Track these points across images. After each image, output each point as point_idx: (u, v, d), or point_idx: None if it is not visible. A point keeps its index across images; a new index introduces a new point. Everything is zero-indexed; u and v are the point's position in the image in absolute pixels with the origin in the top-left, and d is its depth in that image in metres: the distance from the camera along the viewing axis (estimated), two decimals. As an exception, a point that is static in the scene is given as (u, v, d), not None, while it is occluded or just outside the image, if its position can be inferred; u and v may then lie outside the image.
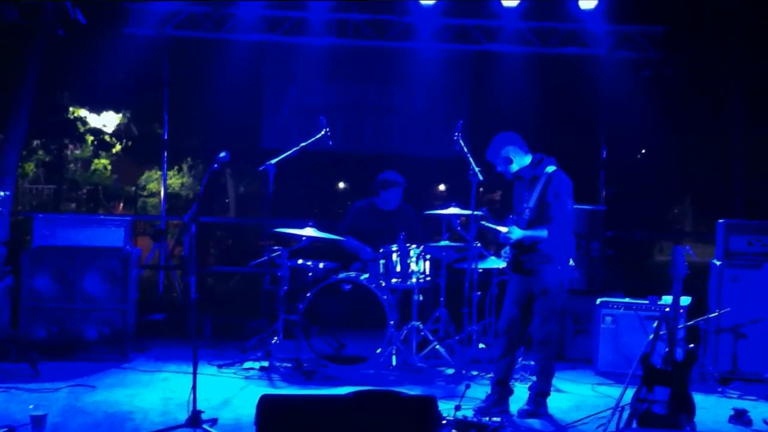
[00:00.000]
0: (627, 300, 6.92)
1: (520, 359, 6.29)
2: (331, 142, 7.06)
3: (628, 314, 6.79)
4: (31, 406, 5.07)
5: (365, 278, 6.67)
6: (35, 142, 15.09)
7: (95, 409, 5.43)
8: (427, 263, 6.83)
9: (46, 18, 8.86)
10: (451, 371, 6.57)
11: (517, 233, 5.51)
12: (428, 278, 6.83)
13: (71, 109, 14.88)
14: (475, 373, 6.43)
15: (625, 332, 6.77)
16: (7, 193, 7.37)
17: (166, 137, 9.64)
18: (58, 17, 8.58)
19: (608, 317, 6.85)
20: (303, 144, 6.90)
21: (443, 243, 6.87)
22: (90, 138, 15.79)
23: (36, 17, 8.96)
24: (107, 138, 15.92)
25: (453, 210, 6.65)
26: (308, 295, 6.53)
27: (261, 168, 6.71)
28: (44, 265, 6.83)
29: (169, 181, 13.77)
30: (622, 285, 7.84)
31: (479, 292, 6.57)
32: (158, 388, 6.01)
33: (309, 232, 6.68)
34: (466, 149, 6.39)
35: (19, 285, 6.84)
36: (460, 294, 6.50)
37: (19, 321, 6.79)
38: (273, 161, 6.70)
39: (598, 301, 6.95)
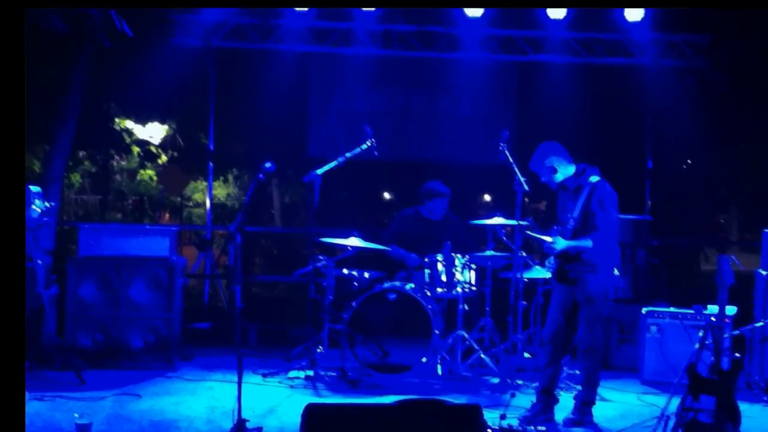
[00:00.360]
0: (673, 309, 6.81)
1: (565, 368, 6.20)
2: (376, 153, 7.04)
3: (674, 323, 6.70)
4: (76, 415, 5.10)
5: (410, 287, 6.63)
6: (81, 153, 15.32)
7: (140, 417, 5.44)
8: (473, 272, 6.80)
9: (92, 29, 9.00)
10: (496, 380, 6.49)
11: (561, 243, 5.47)
12: (473, 287, 6.81)
13: (117, 120, 15.09)
14: (520, 382, 6.34)
15: (670, 341, 6.68)
16: (53, 203, 7.46)
17: (211, 147, 9.71)
18: (105, 29, 8.70)
19: (654, 326, 6.77)
20: (348, 155, 6.88)
21: (489, 252, 6.80)
22: (136, 149, 15.99)
23: (83, 29, 9.10)
24: (153, 148, 16.12)
25: (498, 219, 6.62)
26: (353, 304, 6.50)
27: (306, 177, 6.71)
28: (90, 274, 6.88)
29: (214, 192, 13.87)
30: (667, 294, 7.74)
31: (524, 302, 6.49)
32: (203, 397, 6.01)
33: (354, 241, 6.66)
34: (511, 158, 6.33)
35: (65, 294, 6.90)
36: (505, 303, 6.44)
37: (65, 329, 6.84)
38: (318, 171, 6.70)
39: (644, 310, 6.85)
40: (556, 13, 8.53)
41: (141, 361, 6.78)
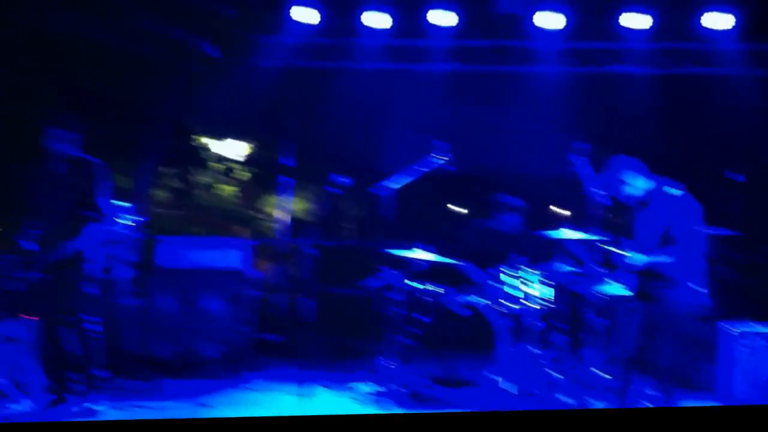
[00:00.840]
0: (762, 330, 6.56)
1: (641, 387, 6.00)
2: (448, 165, 7.02)
3: (763, 342, 6.44)
4: (151, 422, 5.21)
5: (478, 301, 6.55)
6: (167, 170, 15.79)
7: (211, 426, 5.52)
8: (545, 287, 6.66)
9: (181, 51, 9.32)
10: (569, 399, 6.34)
11: (640, 258, 5.33)
12: (545, 302, 6.66)
13: (200, 137, 15.51)
14: (593, 401, 6.17)
15: (759, 360, 6.43)
16: (139, 216, 7.70)
17: (287, 163, 9.87)
18: (193, 51, 9.00)
19: (742, 345, 6.51)
20: (419, 168, 6.89)
21: (561, 267, 6.67)
22: (216, 165, 16.40)
23: (172, 51, 9.42)
24: (232, 165, 16.50)
25: (573, 233, 6.46)
26: (420, 317, 6.47)
27: (377, 191, 6.74)
28: (168, 286, 7.06)
29: (289, 206, 14.05)
30: (753, 311, 7.44)
31: (599, 318, 6.33)
32: (271, 408, 6.05)
33: (423, 254, 6.64)
34: (584, 171, 6.21)
35: (145, 305, 7.09)
36: (578, 319, 6.30)
37: (145, 340, 7.02)
38: (389, 184, 6.73)
39: (732, 328, 6.61)
40: (638, 24, 8.32)
41: (213, 371, 6.90)
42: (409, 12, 8.86)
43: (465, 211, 15.63)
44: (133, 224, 6.34)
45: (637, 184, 5.51)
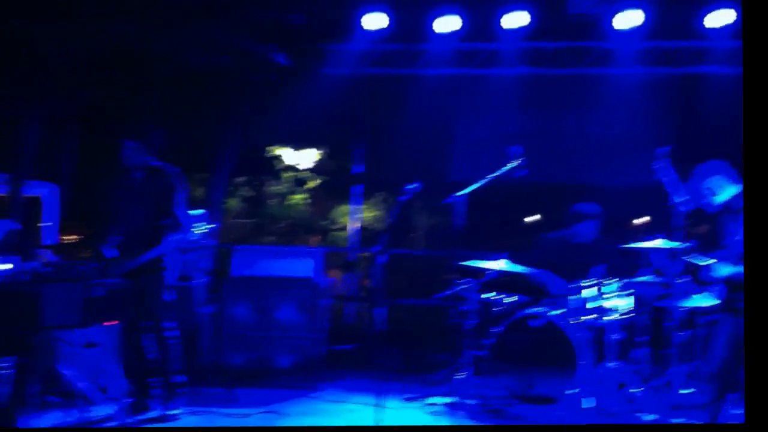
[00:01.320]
0: None
1: (729, 407, 5.74)
2: (522, 172, 6.88)
3: None
4: (226, 429, 5.22)
5: (557, 314, 6.37)
6: (239, 179, 16.02)
7: (285, 436, 5.51)
8: (626, 299, 6.43)
9: (252, 62, 9.43)
10: (651, 417, 6.11)
11: (726, 269, 5.10)
12: (627, 315, 6.43)
13: (271, 147, 15.69)
14: (678, 420, 5.93)
15: None
16: (213, 225, 7.79)
17: (357, 171, 9.86)
18: (262, 61, 9.08)
19: None
20: (493, 175, 6.77)
21: (644, 278, 6.44)
22: (287, 174, 16.56)
23: (244, 62, 9.54)
24: (303, 174, 16.65)
25: (656, 243, 6.22)
26: (496, 330, 6.33)
27: (449, 200, 6.65)
28: (242, 294, 7.09)
29: (359, 215, 14.07)
30: None
31: (684, 332, 6.09)
32: (345, 419, 5.99)
33: (498, 264, 6.50)
34: (669, 178, 5.99)
35: (220, 313, 7.14)
36: (662, 333, 6.06)
37: (219, 346, 7.07)
38: (462, 192, 6.62)
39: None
40: (721, 22, 8.02)
41: (287, 380, 6.89)
42: (479, 15, 8.76)
43: (540, 220, 15.41)
44: (208, 233, 6.40)
45: (726, 191, 5.26)
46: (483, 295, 6.66)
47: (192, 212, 6.51)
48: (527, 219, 15.70)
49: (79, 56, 7.89)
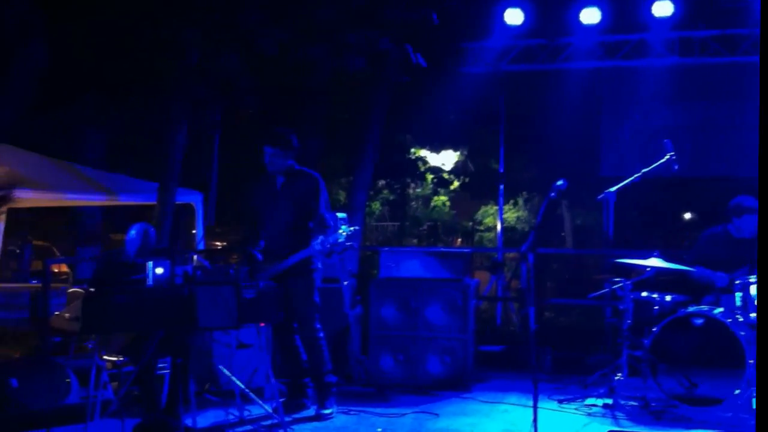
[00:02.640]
0: None
1: None
2: (676, 167, 6.59)
3: None
4: (379, 430, 5.27)
5: (719, 312, 6.06)
6: (381, 182, 16.20)
7: (438, 435, 5.51)
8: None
9: (389, 64, 9.48)
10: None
11: None
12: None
13: (412, 149, 15.77)
14: None
15: None
16: (357, 227, 7.91)
17: (502, 171, 9.74)
18: (401, 62, 9.12)
19: None
20: (645, 170, 6.52)
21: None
22: (429, 176, 16.61)
23: (381, 64, 9.62)
24: (446, 175, 16.64)
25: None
26: (655, 329, 6.08)
27: (600, 197, 6.46)
28: (390, 296, 7.12)
29: (504, 215, 13.97)
30: None
31: None
32: (498, 420, 5.95)
33: (654, 262, 6.25)
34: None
35: (368, 314, 7.23)
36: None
37: (369, 348, 7.15)
38: (612, 189, 6.43)
39: None
40: None
41: (437, 380, 6.89)
42: (623, 5, 8.48)
43: (693, 216, 14.75)
44: (352, 235, 6.49)
45: None
46: (639, 294, 6.42)
47: (337, 214, 6.63)
48: (679, 214, 15.05)
49: (228, 65, 8.10)
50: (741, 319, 6.02)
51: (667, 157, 6.54)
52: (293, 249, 5.91)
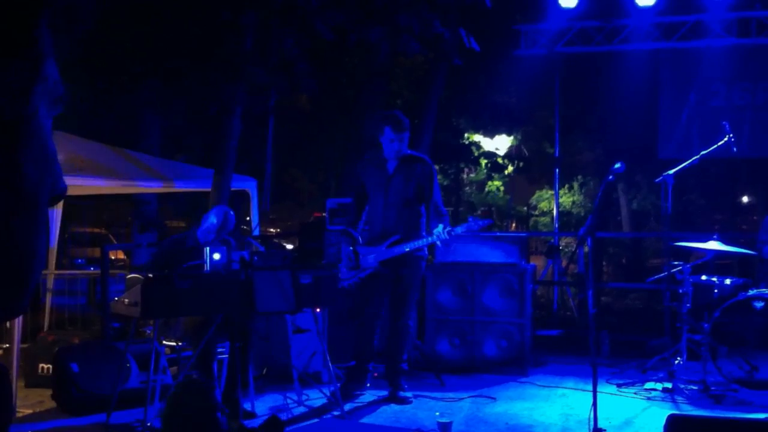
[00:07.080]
0: None
1: None
2: (735, 149, 6.49)
3: None
4: (438, 413, 5.32)
5: (781, 295, 5.98)
6: (436, 166, 16.20)
7: (496, 420, 5.52)
8: None
9: (444, 48, 9.48)
10: None
11: None
12: None
13: (467, 134, 15.73)
14: None
15: None
16: (490, 221, 7.91)
17: (557, 155, 9.69)
18: (455, 47, 9.11)
19: None
20: (703, 152, 6.44)
21: None
22: (484, 161, 16.54)
23: (435, 49, 9.61)
24: (500, 160, 16.55)
25: None
26: (715, 313, 6.03)
27: (658, 180, 6.40)
28: (446, 280, 7.15)
29: (560, 200, 13.87)
30: None
31: None
32: (557, 404, 5.96)
33: (714, 245, 6.19)
34: None
35: (424, 298, 7.28)
36: None
37: (425, 332, 7.20)
38: (671, 172, 6.36)
39: None
40: None
41: (494, 365, 6.91)
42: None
43: (752, 199, 14.44)
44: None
45: None
46: (699, 277, 6.36)
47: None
48: (739, 197, 14.75)
49: (286, 48, 8.07)
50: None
51: (726, 138, 6.45)
52: (405, 233, 5.89)
